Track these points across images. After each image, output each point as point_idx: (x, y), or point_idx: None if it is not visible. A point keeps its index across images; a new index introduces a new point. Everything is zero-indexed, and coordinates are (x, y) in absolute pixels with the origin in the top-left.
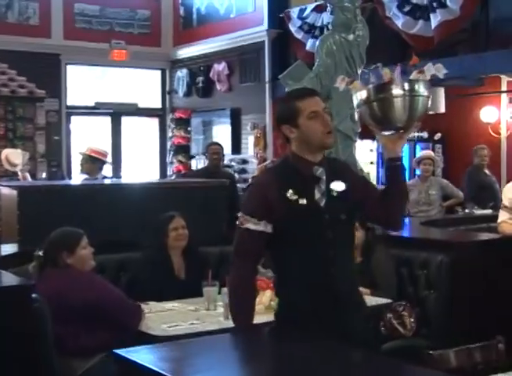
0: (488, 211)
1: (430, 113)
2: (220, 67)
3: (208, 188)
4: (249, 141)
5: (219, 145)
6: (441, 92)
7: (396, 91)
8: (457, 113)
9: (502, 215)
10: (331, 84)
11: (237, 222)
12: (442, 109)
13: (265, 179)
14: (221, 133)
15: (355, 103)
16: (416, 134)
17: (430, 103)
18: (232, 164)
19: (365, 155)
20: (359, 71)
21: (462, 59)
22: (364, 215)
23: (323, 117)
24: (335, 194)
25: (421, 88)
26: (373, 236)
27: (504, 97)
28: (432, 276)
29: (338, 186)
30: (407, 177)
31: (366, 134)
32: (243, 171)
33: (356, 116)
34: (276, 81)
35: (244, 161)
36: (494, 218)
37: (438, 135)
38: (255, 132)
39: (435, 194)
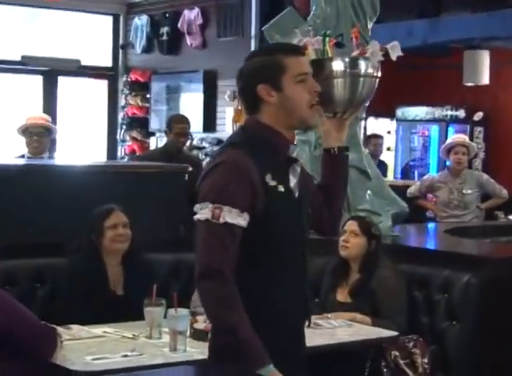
0: None
1: (469, 84)
2: (192, 15)
3: (163, 174)
4: (226, 115)
5: (187, 122)
6: (485, 56)
7: (336, 68)
8: (506, 85)
9: None
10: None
11: (203, 217)
12: (486, 79)
13: (241, 157)
14: (191, 103)
15: None
16: (449, 112)
17: (376, 84)
18: (204, 144)
19: None
20: (370, 25)
21: None
22: None
23: (312, 84)
24: (302, 183)
25: (367, 67)
26: (378, 245)
27: None
28: (455, 302)
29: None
30: (435, 169)
31: (383, 110)
32: None
33: None
34: (265, 37)
35: (220, 142)
36: None
37: (478, 115)
38: (235, 104)
39: (471, 194)
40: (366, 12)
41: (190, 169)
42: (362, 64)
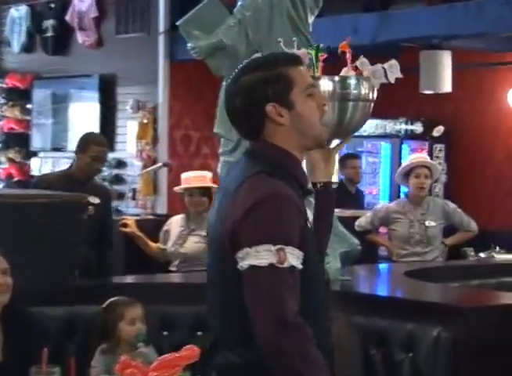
0: None
1: (427, 92)
2: (83, 6)
3: (54, 207)
4: (128, 130)
5: (106, 145)
6: (446, 58)
7: (324, 89)
8: (471, 93)
9: None
10: (263, 37)
11: (265, 262)
12: (448, 87)
13: (285, 187)
14: (84, 116)
15: None
16: (403, 126)
17: (371, 109)
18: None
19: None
20: (311, 20)
21: (482, 4)
22: None
23: (320, 97)
24: None
25: (361, 89)
26: (328, 292)
27: None
28: (422, 363)
29: None
30: (387, 197)
31: None
32: (118, 179)
33: None
34: (177, 33)
35: (120, 163)
36: None
37: (439, 130)
38: (140, 116)
39: (435, 226)
40: (306, 4)
41: (97, 201)
42: (355, 85)
